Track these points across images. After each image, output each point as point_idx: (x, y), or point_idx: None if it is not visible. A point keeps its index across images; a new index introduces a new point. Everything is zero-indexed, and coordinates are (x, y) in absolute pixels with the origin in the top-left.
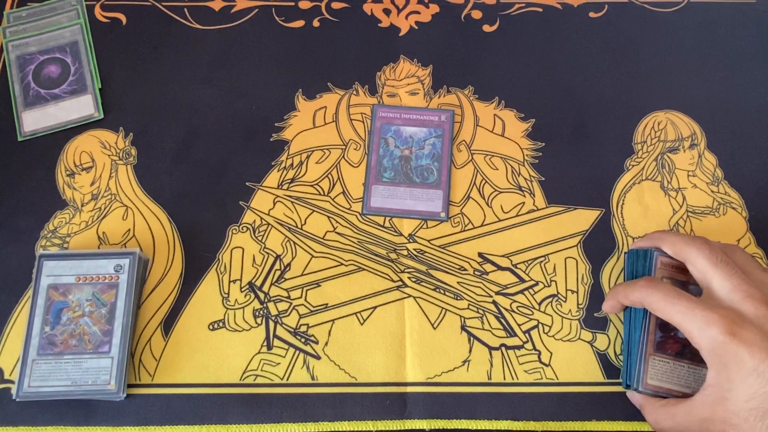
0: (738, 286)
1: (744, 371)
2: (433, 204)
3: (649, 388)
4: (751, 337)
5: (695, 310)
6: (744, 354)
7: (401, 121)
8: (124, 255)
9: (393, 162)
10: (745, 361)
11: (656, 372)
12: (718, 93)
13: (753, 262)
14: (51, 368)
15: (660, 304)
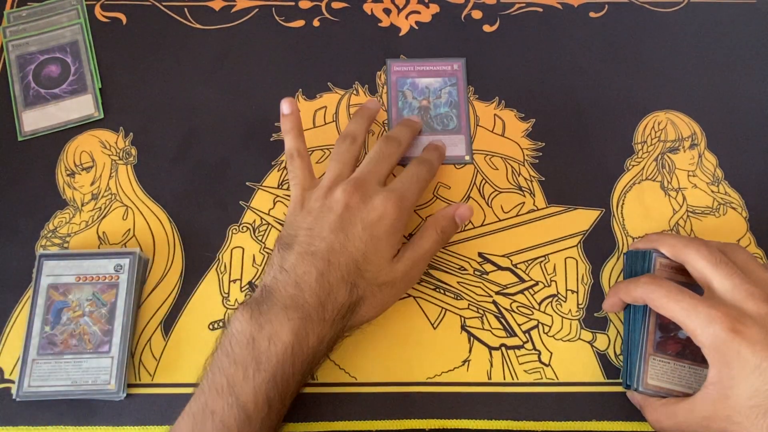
0: (739, 285)
1: (747, 369)
2: (456, 149)
3: (649, 388)
4: (753, 335)
5: (698, 307)
6: (746, 351)
7: (416, 73)
8: (124, 255)
9: (413, 113)
10: (747, 358)
11: (656, 372)
12: (718, 93)
13: (753, 260)
14: (51, 368)
15: (662, 301)
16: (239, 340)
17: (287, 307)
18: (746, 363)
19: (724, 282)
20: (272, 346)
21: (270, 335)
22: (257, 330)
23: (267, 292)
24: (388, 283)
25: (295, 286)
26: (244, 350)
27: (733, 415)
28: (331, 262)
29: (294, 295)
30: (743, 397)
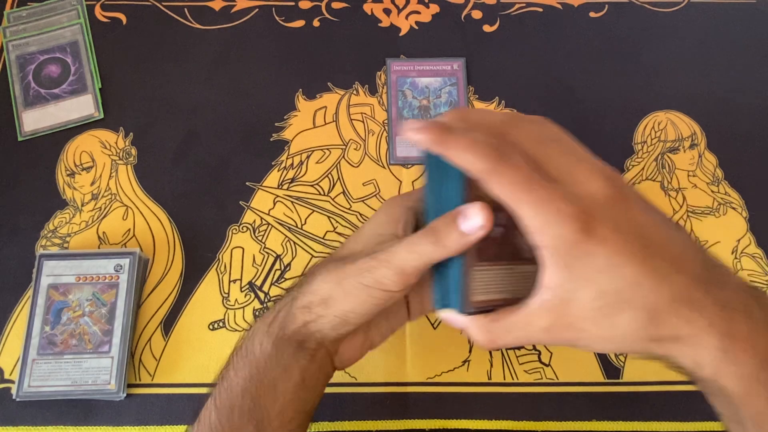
0: (579, 158)
1: (593, 269)
2: None
3: (475, 306)
4: (603, 231)
5: (553, 201)
6: (598, 251)
7: (415, 72)
8: (124, 255)
9: (413, 112)
10: (597, 257)
11: (481, 284)
12: (718, 93)
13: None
14: (51, 368)
15: (509, 189)
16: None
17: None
18: (594, 263)
19: (560, 157)
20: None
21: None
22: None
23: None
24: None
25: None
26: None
27: (576, 321)
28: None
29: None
30: (587, 299)
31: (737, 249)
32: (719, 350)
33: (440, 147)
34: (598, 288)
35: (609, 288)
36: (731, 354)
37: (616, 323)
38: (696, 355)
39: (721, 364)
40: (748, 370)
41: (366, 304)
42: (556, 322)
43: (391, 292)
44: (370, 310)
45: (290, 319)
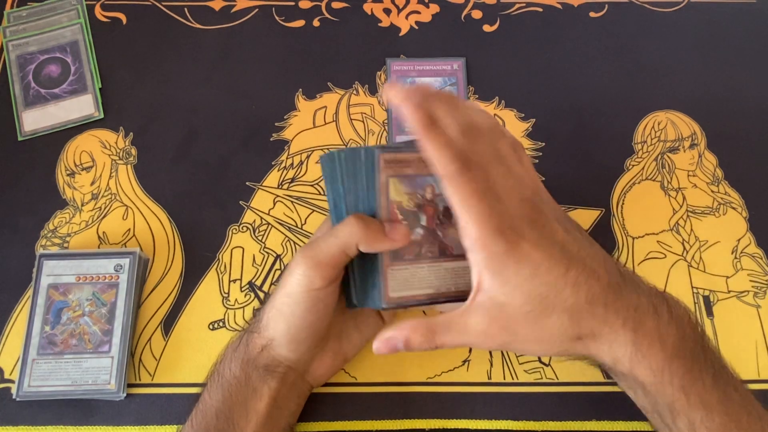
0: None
1: (521, 277)
2: None
3: (392, 302)
4: (528, 246)
5: (491, 219)
6: (524, 262)
7: (416, 72)
8: (124, 255)
9: None
10: (523, 267)
11: (397, 283)
12: (718, 93)
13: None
14: (51, 368)
15: (463, 197)
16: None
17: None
18: (521, 272)
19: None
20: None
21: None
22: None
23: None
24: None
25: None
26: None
27: (510, 324)
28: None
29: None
30: (517, 304)
31: (737, 249)
32: (632, 345)
33: (422, 131)
34: (527, 294)
35: (535, 294)
36: (643, 348)
37: (544, 325)
38: (613, 351)
39: (635, 357)
40: (658, 362)
41: (299, 312)
42: (491, 325)
43: (314, 291)
44: (309, 318)
45: (251, 344)
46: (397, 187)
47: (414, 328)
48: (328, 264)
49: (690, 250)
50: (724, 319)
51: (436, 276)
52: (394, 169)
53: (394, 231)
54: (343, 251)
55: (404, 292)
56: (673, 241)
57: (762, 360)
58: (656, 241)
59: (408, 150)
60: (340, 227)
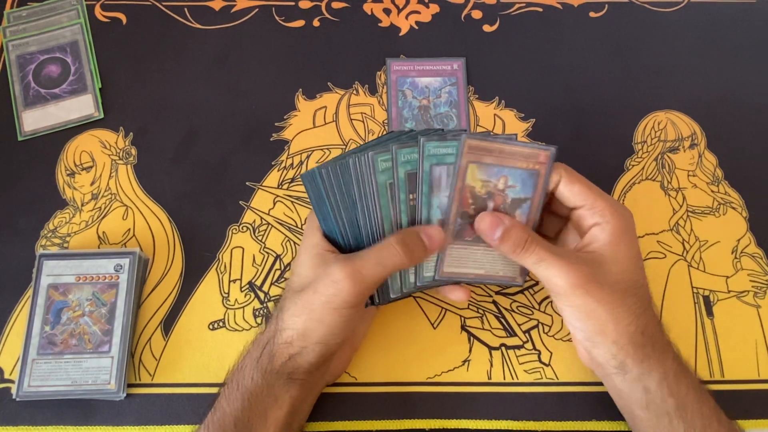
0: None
1: (629, 255)
2: None
3: (444, 276)
4: (635, 238)
5: (612, 201)
6: (635, 242)
7: (415, 72)
8: (124, 255)
9: (413, 112)
10: (634, 247)
11: (453, 259)
12: (718, 93)
13: None
14: (51, 368)
15: (588, 192)
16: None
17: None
18: (631, 250)
19: (604, 198)
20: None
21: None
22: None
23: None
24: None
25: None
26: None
27: (600, 276)
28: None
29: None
30: (615, 269)
31: (737, 249)
32: (677, 363)
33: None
34: (625, 266)
35: (631, 270)
36: (683, 367)
37: (626, 298)
38: (664, 362)
39: (679, 373)
40: (695, 383)
41: (340, 324)
42: (586, 269)
43: (358, 307)
44: (346, 326)
45: (277, 354)
46: (474, 173)
47: (521, 226)
48: (373, 286)
49: (690, 250)
50: (724, 319)
51: (489, 259)
52: (477, 155)
53: (433, 241)
54: (386, 276)
55: (457, 269)
56: (673, 241)
57: (762, 360)
58: (656, 241)
59: (494, 140)
60: (384, 253)
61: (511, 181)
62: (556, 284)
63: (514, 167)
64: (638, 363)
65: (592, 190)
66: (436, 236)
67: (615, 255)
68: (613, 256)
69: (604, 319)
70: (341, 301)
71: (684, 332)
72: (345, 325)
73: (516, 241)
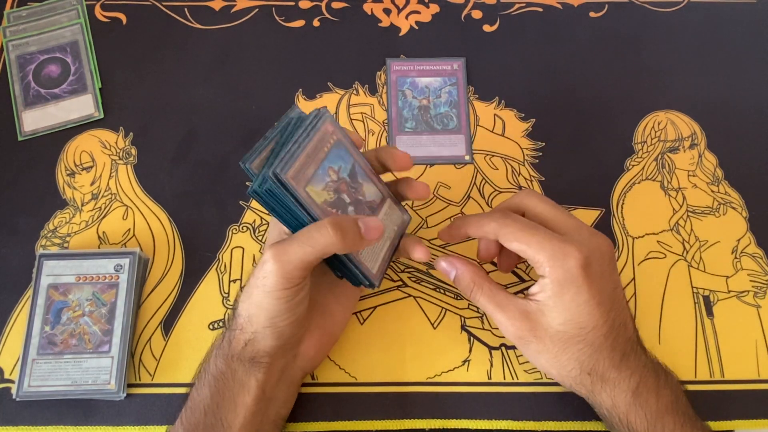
0: (581, 225)
1: (575, 302)
2: (456, 148)
3: (378, 276)
4: (594, 275)
5: (553, 242)
6: (584, 287)
7: (415, 72)
8: (124, 255)
9: (413, 112)
10: (582, 293)
11: (369, 259)
12: (718, 93)
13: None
14: (51, 368)
15: (517, 234)
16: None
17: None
18: (579, 297)
19: (569, 220)
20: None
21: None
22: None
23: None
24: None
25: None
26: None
27: (539, 330)
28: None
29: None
30: (558, 321)
31: (737, 249)
32: (633, 394)
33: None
34: (571, 316)
35: (576, 320)
36: (641, 398)
37: (567, 349)
38: (614, 395)
39: (632, 405)
40: (652, 412)
41: (279, 306)
42: (523, 322)
43: (289, 286)
44: (288, 308)
45: (233, 340)
46: (315, 191)
47: (471, 272)
48: (304, 268)
49: (690, 250)
50: (724, 319)
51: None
52: (302, 178)
53: (370, 231)
54: (318, 258)
55: (378, 261)
56: (673, 241)
57: (762, 360)
58: (656, 241)
59: (296, 155)
60: (316, 235)
61: (335, 165)
62: (501, 331)
63: (325, 157)
64: (587, 396)
65: (531, 241)
66: (373, 225)
67: (556, 308)
68: (554, 309)
69: (546, 366)
70: (271, 284)
71: (684, 332)
72: (286, 308)
73: (464, 287)
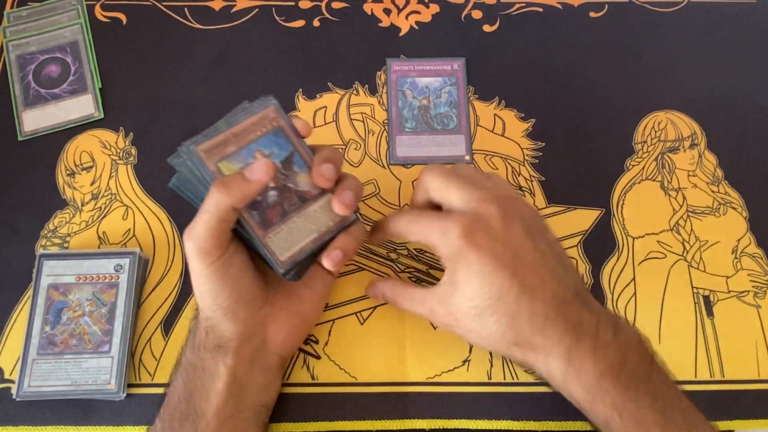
0: (470, 194)
1: (471, 273)
2: (456, 148)
3: (287, 264)
4: (481, 242)
5: (434, 223)
6: (473, 257)
7: (416, 72)
8: (124, 255)
9: (413, 112)
10: (473, 263)
11: (280, 246)
12: (718, 93)
13: (476, 171)
14: (51, 368)
15: (408, 227)
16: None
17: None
18: (471, 268)
19: (457, 193)
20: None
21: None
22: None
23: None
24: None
25: None
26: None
27: (455, 312)
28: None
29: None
30: (465, 297)
31: (737, 249)
32: (565, 361)
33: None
34: (473, 289)
35: (481, 291)
36: (575, 365)
37: (485, 322)
38: (548, 364)
39: (567, 373)
40: (589, 380)
41: (212, 285)
42: (440, 309)
43: (210, 260)
44: (224, 284)
45: (198, 330)
46: (229, 168)
47: (390, 287)
48: (212, 237)
49: (690, 250)
50: (724, 319)
51: (311, 221)
52: (216, 153)
53: (254, 171)
54: (220, 220)
55: (292, 250)
56: (674, 241)
57: (762, 360)
58: (656, 241)
59: (219, 132)
60: (206, 200)
61: (266, 150)
62: (433, 323)
63: (256, 139)
64: (528, 368)
65: (418, 229)
66: (257, 166)
67: (458, 284)
68: (457, 286)
69: (478, 345)
70: (194, 264)
71: (684, 332)
72: (221, 284)
73: (390, 302)
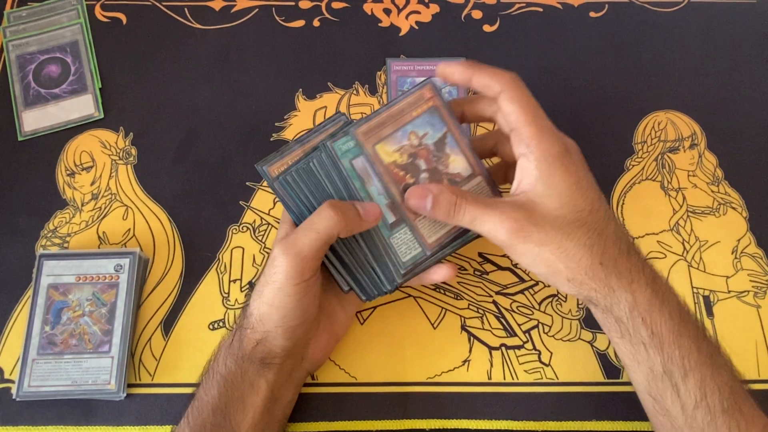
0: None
1: (569, 181)
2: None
3: (433, 246)
4: (577, 160)
5: (537, 121)
6: (572, 168)
7: (415, 72)
8: (125, 255)
9: None
10: (571, 173)
11: (427, 229)
12: (718, 93)
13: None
14: (51, 368)
15: (515, 105)
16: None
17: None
18: (568, 177)
19: (547, 122)
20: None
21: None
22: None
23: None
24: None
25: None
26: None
27: (536, 217)
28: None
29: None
30: (553, 205)
31: (737, 249)
32: (652, 290)
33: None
34: (564, 199)
35: (573, 202)
36: (660, 296)
37: (572, 234)
38: (632, 291)
39: (652, 303)
40: (675, 310)
41: (290, 304)
42: (517, 212)
43: (303, 282)
44: (299, 306)
45: (245, 340)
46: (385, 150)
47: (450, 188)
48: (313, 257)
49: (690, 250)
50: (724, 319)
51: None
52: (373, 136)
53: (368, 212)
54: (327, 243)
55: (438, 234)
56: (674, 241)
57: (762, 360)
58: (656, 241)
59: (374, 115)
60: (317, 220)
61: (420, 131)
62: (495, 237)
63: (411, 120)
64: (603, 296)
65: (527, 113)
66: (369, 209)
67: (548, 190)
68: (545, 192)
69: (553, 261)
70: (283, 279)
71: None
72: (297, 305)
73: (446, 206)
